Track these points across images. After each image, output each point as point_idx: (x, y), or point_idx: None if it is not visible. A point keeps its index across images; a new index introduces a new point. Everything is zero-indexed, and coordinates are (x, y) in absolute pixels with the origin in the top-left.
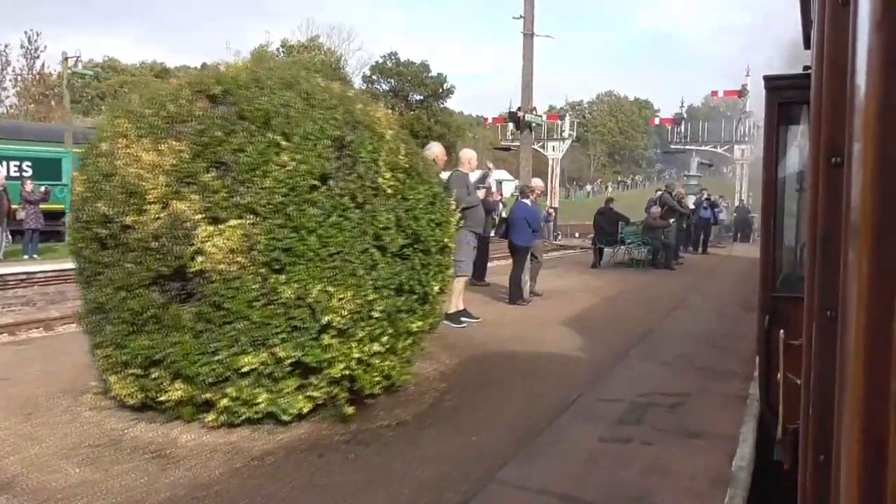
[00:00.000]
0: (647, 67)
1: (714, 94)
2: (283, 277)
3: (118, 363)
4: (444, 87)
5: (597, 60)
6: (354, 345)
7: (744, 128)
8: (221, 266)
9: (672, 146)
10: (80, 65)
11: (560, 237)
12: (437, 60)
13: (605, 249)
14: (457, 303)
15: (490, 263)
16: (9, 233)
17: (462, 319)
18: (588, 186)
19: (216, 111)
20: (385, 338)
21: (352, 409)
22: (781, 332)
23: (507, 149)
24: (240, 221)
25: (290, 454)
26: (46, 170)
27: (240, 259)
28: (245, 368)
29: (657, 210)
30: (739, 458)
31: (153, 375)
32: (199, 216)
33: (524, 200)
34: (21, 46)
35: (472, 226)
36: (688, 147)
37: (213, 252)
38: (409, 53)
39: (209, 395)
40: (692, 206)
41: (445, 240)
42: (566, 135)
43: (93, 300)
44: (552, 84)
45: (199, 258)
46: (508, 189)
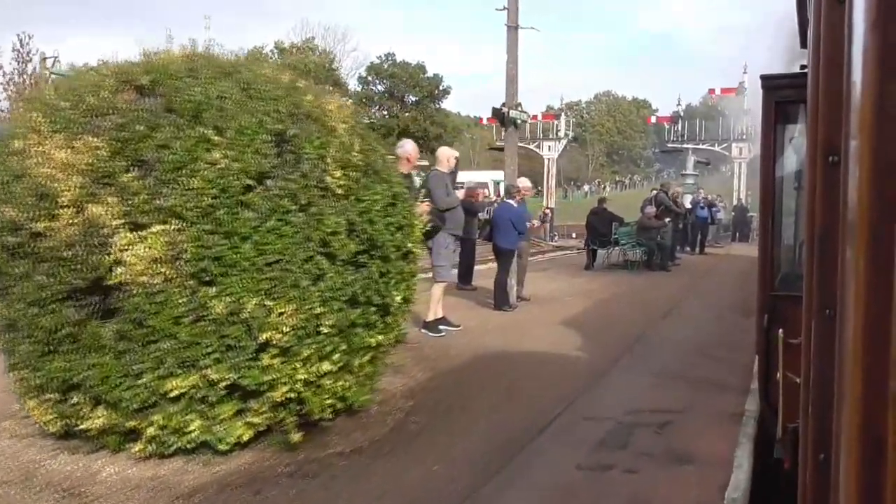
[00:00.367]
0: (646, 67)
1: (711, 92)
2: (214, 290)
3: (34, 387)
4: (441, 88)
5: (596, 60)
6: (299, 365)
7: (742, 126)
8: (143, 278)
9: (669, 145)
10: (58, 65)
11: (557, 238)
12: (437, 60)
13: (599, 251)
14: (435, 310)
15: (477, 266)
16: None
17: (441, 328)
18: (586, 186)
19: (142, 104)
20: (337, 355)
21: (299, 436)
22: (780, 331)
23: (502, 149)
24: (163, 227)
25: (223, 490)
26: None
27: (164, 270)
28: (173, 393)
29: (652, 210)
30: (733, 489)
31: (72, 401)
32: (118, 222)
33: (509, 201)
34: (13, 49)
35: (452, 228)
36: (685, 146)
37: (134, 262)
38: (409, 54)
39: (134, 423)
40: (689, 206)
41: (409, 245)
42: (562, 134)
43: (5, 317)
44: (551, 84)
45: (118, 269)
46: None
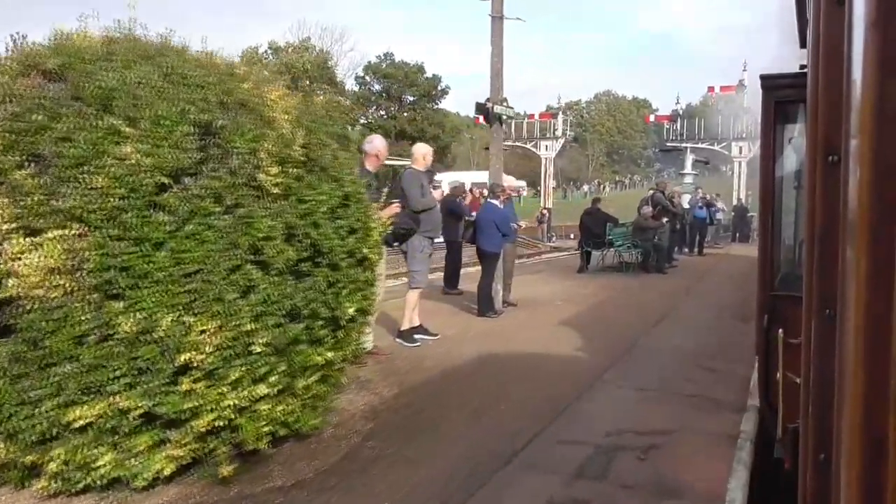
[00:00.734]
0: (646, 67)
1: (711, 90)
2: (122, 305)
3: None
4: (439, 89)
5: (596, 60)
6: (227, 389)
7: (741, 124)
8: (39, 291)
9: (668, 144)
10: None
11: (554, 238)
12: (437, 60)
13: (593, 252)
14: (411, 318)
15: (463, 270)
16: None
17: (416, 337)
18: (585, 186)
19: (47, 90)
20: (275, 377)
21: (231, 469)
22: (780, 331)
23: None
24: (62, 233)
25: None
26: None
27: (63, 282)
28: (78, 423)
29: (648, 210)
30: None
31: None
32: (9, 226)
33: (493, 201)
34: (6, 49)
35: (428, 231)
36: (684, 145)
37: (28, 273)
38: (410, 53)
39: (34, 458)
40: (687, 206)
41: (364, 251)
42: (559, 133)
43: None
44: (551, 85)
45: (10, 281)
46: None
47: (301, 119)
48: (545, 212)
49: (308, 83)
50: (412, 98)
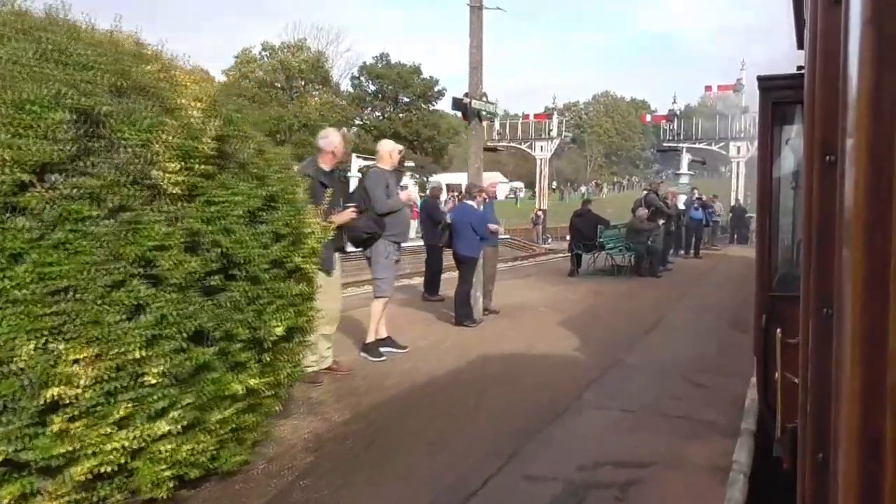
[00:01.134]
0: (645, 68)
1: (708, 90)
2: None
3: None
4: (435, 90)
5: (595, 61)
6: (112, 428)
7: (739, 124)
8: None
9: (665, 144)
10: None
11: (550, 240)
12: (437, 61)
13: (584, 256)
14: (376, 330)
15: (445, 275)
16: None
17: (382, 351)
18: (583, 188)
19: None
20: (177, 412)
21: None
22: (779, 331)
23: (494, 149)
24: None
25: None
26: None
27: None
28: None
29: (644, 212)
30: None
31: None
32: None
33: (469, 202)
34: None
35: (394, 235)
36: (682, 145)
37: None
38: (410, 54)
39: None
40: (682, 207)
41: (296, 260)
42: (554, 134)
43: None
44: (551, 86)
45: None
46: (503, 192)
47: (217, 107)
48: (540, 213)
49: (302, 83)
50: (408, 99)
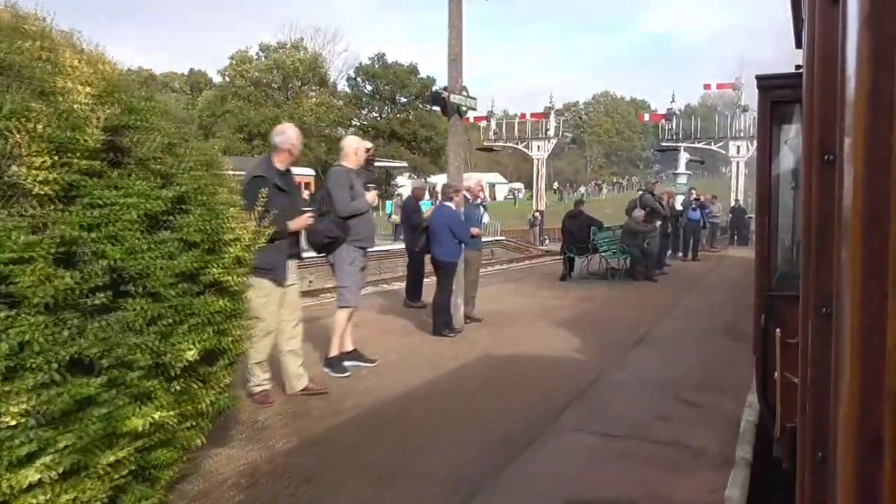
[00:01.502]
0: (645, 68)
1: (707, 87)
2: None
3: None
4: (433, 89)
5: (595, 62)
6: None
7: (739, 123)
8: None
9: (664, 144)
10: None
11: (547, 241)
12: (436, 61)
13: (577, 259)
14: (340, 343)
15: (426, 280)
16: None
17: (347, 365)
18: (582, 188)
19: None
20: (51, 456)
21: None
22: (778, 331)
23: (490, 149)
24: None
25: None
26: None
27: None
28: None
29: (640, 213)
30: None
31: None
32: None
33: (447, 204)
34: None
35: (358, 239)
36: (680, 144)
37: None
38: (407, 54)
39: None
40: (679, 207)
41: (214, 271)
42: (552, 133)
43: None
44: (551, 87)
45: None
46: (502, 193)
47: (117, 94)
48: (537, 214)
49: (299, 84)
50: (405, 99)
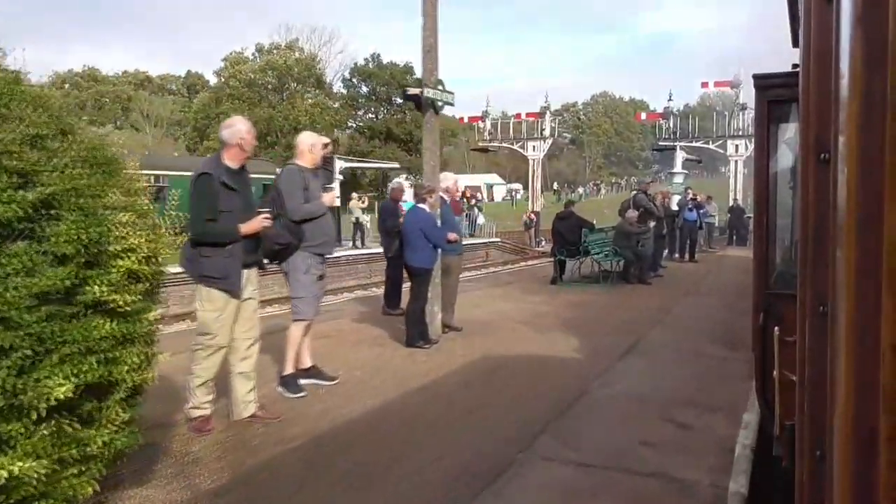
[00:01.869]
0: (644, 68)
1: (705, 86)
2: None
3: None
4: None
5: (595, 62)
6: None
7: (737, 121)
8: None
9: (661, 143)
10: None
11: (543, 243)
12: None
13: (567, 262)
14: (295, 359)
15: (407, 285)
16: None
17: (304, 384)
18: (581, 188)
19: None
20: None
21: None
22: (776, 329)
23: (485, 150)
24: None
25: None
26: None
27: None
28: None
29: (633, 213)
30: None
31: None
32: None
33: (421, 206)
34: None
35: (314, 245)
36: (678, 143)
37: None
38: (403, 55)
39: None
40: (676, 207)
41: (96, 290)
42: (547, 133)
43: None
44: (551, 88)
45: None
46: (500, 194)
47: None
48: (533, 216)
49: (295, 85)
50: (401, 100)
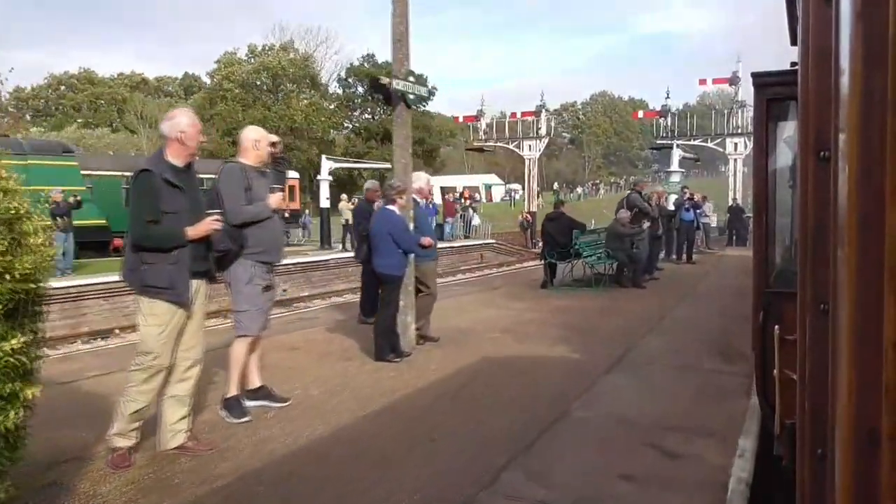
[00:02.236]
0: (643, 68)
1: (703, 83)
2: None
3: None
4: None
5: (595, 63)
6: None
7: (736, 119)
8: None
9: (658, 141)
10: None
11: (540, 244)
12: (437, 64)
13: (559, 265)
14: (241, 379)
15: None
16: None
17: (250, 406)
18: (579, 188)
19: None
20: None
21: None
22: (776, 328)
23: (481, 149)
24: None
25: None
26: None
27: None
28: None
29: (625, 214)
30: None
31: None
32: None
33: (390, 208)
34: None
35: (257, 252)
36: (676, 141)
37: None
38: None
39: None
40: (672, 207)
41: None
42: (543, 133)
43: None
44: (550, 88)
45: None
46: (498, 194)
47: None
48: (529, 217)
49: (289, 85)
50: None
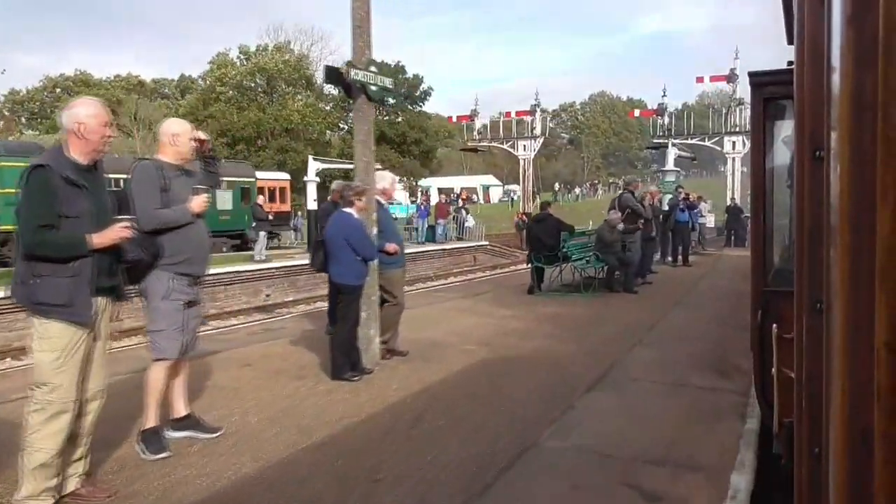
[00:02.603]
0: (642, 68)
1: (700, 80)
2: None
3: None
4: (421, 90)
5: (595, 62)
6: None
7: (734, 118)
8: None
9: (655, 140)
10: None
11: None
12: (434, 64)
13: (546, 269)
14: (157, 410)
15: None
16: None
17: (174, 437)
18: (577, 189)
19: None
20: None
21: None
22: (774, 327)
23: (475, 150)
24: None
25: None
26: None
27: None
28: None
29: (616, 215)
30: None
31: None
32: None
33: (347, 210)
34: None
35: (175, 263)
36: (671, 140)
37: None
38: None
39: None
40: (666, 208)
41: None
42: (538, 132)
43: None
44: (550, 89)
45: None
46: (496, 195)
47: None
48: (524, 217)
49: (284, 86)
50: (392, 101)
